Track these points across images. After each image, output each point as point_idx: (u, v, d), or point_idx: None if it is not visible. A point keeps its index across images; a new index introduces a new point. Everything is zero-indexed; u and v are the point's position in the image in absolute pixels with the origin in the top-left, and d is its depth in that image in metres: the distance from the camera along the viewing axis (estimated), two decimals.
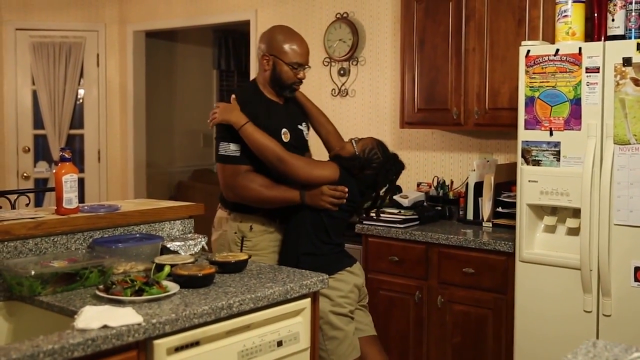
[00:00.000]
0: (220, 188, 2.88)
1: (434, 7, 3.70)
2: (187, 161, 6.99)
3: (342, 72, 4.55)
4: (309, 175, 2.74)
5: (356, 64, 4.49)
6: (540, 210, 3.05)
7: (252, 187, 2.73)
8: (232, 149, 2.75)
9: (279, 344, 2.19)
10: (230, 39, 7.26)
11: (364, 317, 2.90)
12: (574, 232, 2.94)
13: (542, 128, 2.96)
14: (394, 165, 2.88)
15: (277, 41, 2.83)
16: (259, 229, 2.83)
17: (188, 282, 2.15)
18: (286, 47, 2.81)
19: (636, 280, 2.75)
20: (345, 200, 2.75)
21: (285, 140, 2.81)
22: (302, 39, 2.90)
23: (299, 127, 2.95)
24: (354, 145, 2.83)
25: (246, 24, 5.15)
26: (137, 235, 2.58)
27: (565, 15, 2.95)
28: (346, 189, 2.74)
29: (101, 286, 2.05)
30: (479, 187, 3.65)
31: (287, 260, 2.77)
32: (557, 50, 2.92)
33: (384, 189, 2.92)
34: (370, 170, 2.80)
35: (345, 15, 4.50)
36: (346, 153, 2.83)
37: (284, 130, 2.83)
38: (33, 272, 2.05)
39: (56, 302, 2.00)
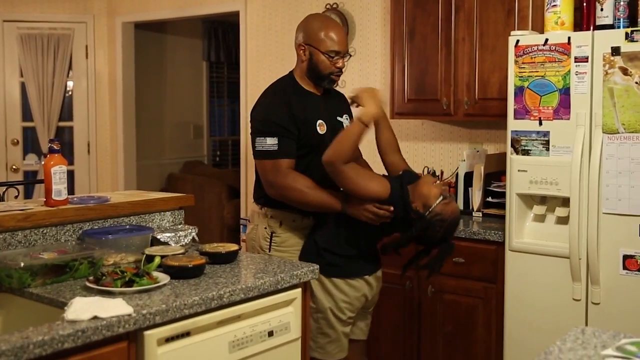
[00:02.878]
0: (258, 181, 2.80)
1: None
2: (178, 153, 6.98)
3: None
4: (360, 188, 2.53)
5: (349, 58, 4.47)
6: (529, 200, 3.07)
7: (296, 188, 2.62)
8: (269, 143, 2.64)
9: (270, 334, 2.19)
10: (220, 30, 7.24)
11: (361, 321, 2.87)
12: (563, 221, 2.96)
13: (532, 118, 2.97)
14: (442, 246, 2.61)
15: (313, 30, 2.74)
16: (289, 226, 2.77)
17: (178, 273, 2.15)
18: (322, 35, 2.71)
19: (624, 268, 2.77)
20: (388, 220, 2.56)
21: (320, 132, 2.72)
22: (339, 26, 2.84)
23: (338, 118, 2.83)
24: (438, 200, 2.50)
25: (235, 15, 5.13)
26: (127, 226, 2.58)
27: (554, 5, 2.96)
28: (392, 209, 2.53)
29: (91, 277, 2.05)
30: (469, 177, 3.66)
31: (308, 249, 2.72)
32: (546, 40, 2.92)
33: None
34: (421, 231, 2.54)
35: (335, 5, 4.49)
36: (427, 193, 2.52)
37: (319, 121, 2.73)
38: (22, 264, 2.05)
39: (46, 294, 1.99)
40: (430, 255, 2.65)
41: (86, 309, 1.76)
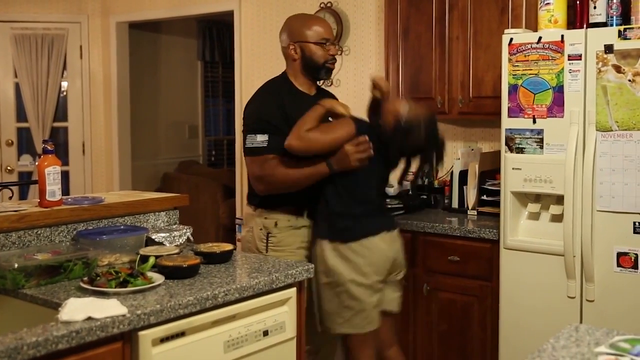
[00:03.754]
0: (250, 182, 2.82)
1: None
2: (173, 153, 6.97)
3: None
4: (330, 141, 2.60)
5: (341, 54, 4.48)
6: (524, 198, 3.08)
7: (279, 171, 2.66)
8: (259, 140, 2.67)
9: (265, 333, 2.19)
10: (215, 29, 7.23)
11: (390, 290, 2.81)
12: (557, 218, 2.97)
13: (526, 116, 2.97)
14: (434, 144, 2.76)
15: (297, 27, 2.80)
16: (284, 225, 2.78)
17: (173, 273, 2.15)
18: (307, 28, 2.77)
19: (618, 265, 2.78)
20: (372, 152, 2.62)
21: None
22: (320, 18, 2.92)
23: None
24: (405, 107, 2.66)
25: (230, 15, 5.12)
26: (122, 227, 2.57)
27: (548, 3, 2.96)
28: (366, 137, 2.61)
29: (85, 278, 2.05)
30: (463, 175, 3.67)
31: (322, 222, 2.72)
32: (540, 38, 2.93)
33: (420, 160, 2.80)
34: (406, 139, 2.66)
35: (329, 4, 4.49)
36: (394, 110, 2.66)
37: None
38: (16, 265, 2.04)
39: (40, 295, 1.99)
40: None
41: (80, 309, 1.76)
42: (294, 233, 2.79)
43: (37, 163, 2.43)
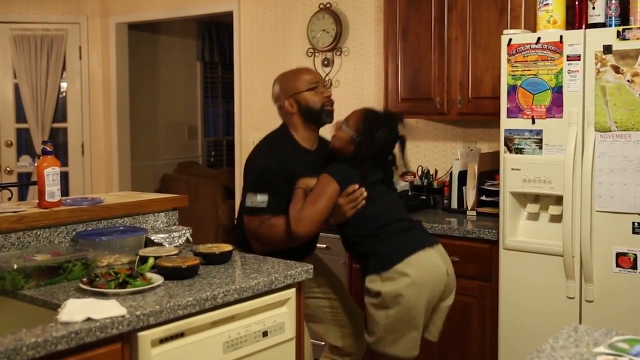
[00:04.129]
0: (248, 239, 2.77)
1: None
2: (172, 154, 6.97)
3: (325, 62, 4.54)
4: (322, 210, 2.59)
5: (340, 55, 4.49)
6: (523, 198, 3.08)
7: (277, 231, 2.63)
8: (258, 200, 2.65)
9: (265, 334, 2.19)
10: (214, 30, 7.23)
11: (437, 319, 2.75)
12: (556, 219, 2.97)
13: (524, 116, 2.98)
14: (393, 123, 2.76)
15: (287, 82, 2.81)
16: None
17: (172, 274, 2.15)
18: (296, 80, 2.79)
19: (617, 265, 2.78)
20: (365, 193, 2.62)
21: None
22: (305, 67, 2.94)
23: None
24: (345, 129, 2.71)
25: (229, 15, 5.13)
26: (121, 227, 2.57)
27: (547, 4, 2.97)
28: (356, 186, 2.61)
29: (85, 279, 2.05)
30: (463, 176, 3.67)
31: (362, 263, 2.71)
32: (539, 38, 2.93)
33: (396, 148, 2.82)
34: (375, 142, 2.68)
35: (328, 5, 4.49)
36: (343, 143, 2.71)
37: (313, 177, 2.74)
38: (16, 266, 2.04)
39: (39, 296, 1.99)
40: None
41: (80, 310, 1.76)
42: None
43: (36, 164, 2.43)
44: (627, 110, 2.72)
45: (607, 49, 2.75)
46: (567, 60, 2.85)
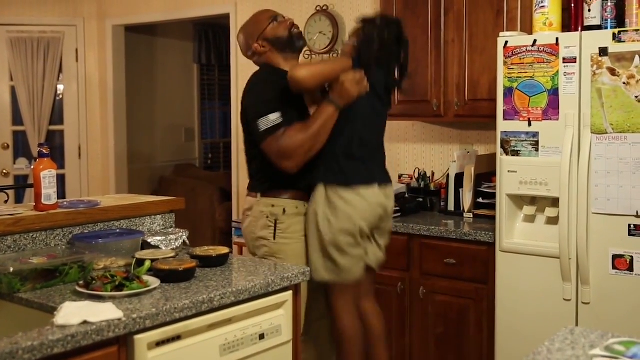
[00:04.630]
0: (252, 172, 2.84)
1: None
2: (169, 156, 6.97)
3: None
4: (330, 71, 2.68)
5: (337, 56, 4.49)
6: (519, 200, 3.08)
7: (296, 138, 2.61)
8: (272, 119, 2.63)
9: (261, 337, 2.19)
10: (211, 32, 7.23)
11: (374, 249, 2.86)
12: (553, 221, 2.97)
13: (521, 118, 2.98)
14: (394, 27, 2.84)
15: (250, 27, 2.90)
16: (292, 212, 2.76)
17: (169, 277, 2.15)
18: (255, 23, 2.88)
19: (614, 268, 2.78)
20: (367, 82, 2.69)
21: (311, 111, 2.79)
22: (260, 10, 3.01)
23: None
24: (349, 41, 2.83)
25: (226, 18, 5.13)
26: (118, 230, 2.57)
27: (543, 6, 2.98)
28: (361, 71, 2.68)
29: (81, 282, 2.04)
30: (459, 178, 3.67)
31: (320, 166, 2.73)
32: (535, 40, 2.94)
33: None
34: (372, 44, 2.75)
35: (325, 7, 4.50)
36: (349, 50, 2.78)
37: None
38: (12, 269, 2.04)
39: (36, 299, 1.99)
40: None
41: (76, 313, 1.76)
42: (301, 220, 2.78)
43: (32, 166, 2.43)
44: (623, 113, 2.72)
45: (603, 51, 2.76)
46: (563, 62, 2.86)
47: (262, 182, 2.80)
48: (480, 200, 3.56)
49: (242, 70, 5.02)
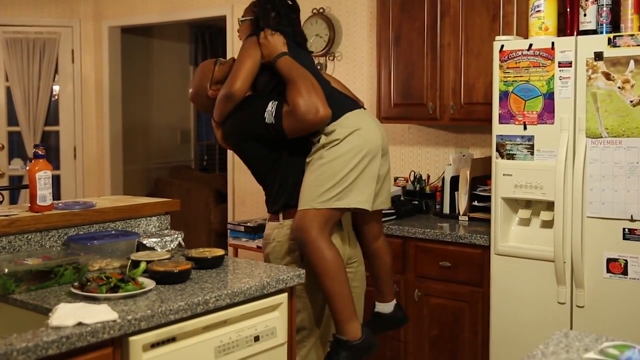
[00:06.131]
0: (269, 191, 2.77)
1: (409, 2, 3.72)
2: (165, 157, 6.96)
3: (318, 67, 4.54)
4: (246, 57, 2.70)
5: (333, 59, 4.50)
6: (514, 204, 3.09)
7: (301, 92, 2.55)
8: (270, 108, 2.62)
9: (256, 339, 2.19)
10: (207, 34, 7.24)
11: (384, 192, 2.78)
12: (547, 224, 2.98)
13: (516, 122, 2.99)
14: None
15: (198, 81, 2.90)
16: None
17: (164, 278, 2.15)
18: (202, 73, 2.89)
19: (608, 271, 2.79)
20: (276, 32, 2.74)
21: None
22: (199, 66, 3.02)
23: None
24: (241, 19, 2.89)
25: (222, 20, 5.13)
26: (113, 231, 2.57)
27: (539, 11, 2.99)
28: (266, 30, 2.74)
29: (76, 283, 2.04)
30: (455, 181, 3.68)
31: None
32: (531, 45, 2.95)
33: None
34: (268, 7, 2.82)
35: (321, 10, 4.50)
36: (246, 29, 2.85)
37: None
38: (6, 270, 2.03)
39: (30, 300, 1.98)
40: None
41: (71, 315, 1.76)
42: None
43: (27, 167, 2.42)
44: (618, 117, 2.73)
45: (598, 56, 2.77)
46: (559, 66, 2.87)
47: (280, 201, 2.72)
48: (476, 203, 3.56)
49: None
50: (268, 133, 2.63)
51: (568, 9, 3.05)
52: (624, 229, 2.75)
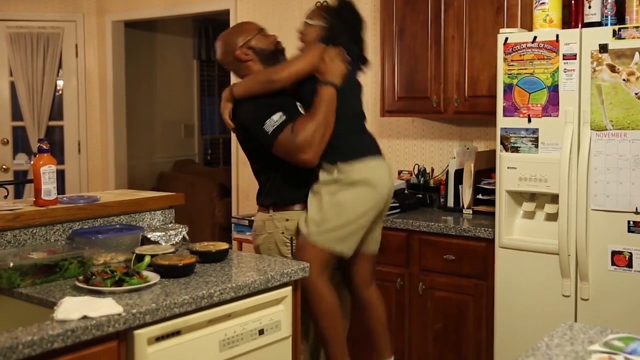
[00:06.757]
0: (262, 183, 2.79)
1: None
2: (169, 152, 6.97)
3: None
4: (306, 62, 2.67)
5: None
6: (519, 197, 3.08)
7: (307, 129, 2.56)
8: (276, 120, 2.60)
9: (261, 332, 2.19)
10: (211, 28, 7.22)
11: (376, 231, 2.84)
12: (552, 217, 2.98)
13: (521, 115, 2.98)
14: (346, 4, 2.89)
15: (234, 35, 2.84)
16: None
17: (168, 272, 2.15)
18: (243, 31, 2.84)
19: (613, 264, 2.79)
20: (346, 54, 2.71)
21: (302, 111, 2.74)
22: (241, 22, 2.99)
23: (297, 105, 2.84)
24: (312, 22, 2.83)
25: (226, 14, 5.12)
26: (117, 225, 2.57)
27: (543, 3, 2.97)
28: (335, 47, 2.68)
29: (81, 277, 2.04)
30: (459, 174, 3.67)
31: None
32: (535, 37, 2.93)
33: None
34: (341, 19, 2.81)
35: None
36: (313, 35, 2.80)
37: (298, 104, 2.78)
38: (12, 264, 2.04)
39: (35, 294, 1.99)
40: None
41: (76, 308, 1.76)
42: None
43: (32, 162, 2.43)
44: (623, 109, 2.72)
45: (603, 48, 2.76)
46: (563, 59, 2.86)
47: (272, 196, 2.76)
48: (480, 196, 3.56)
49: None
50: (260, 137, 2.64)
51: (572, 1, 3.04)
52: (628, 222, 2.75)
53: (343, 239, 2.66)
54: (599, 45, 2.77)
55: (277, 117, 2.60)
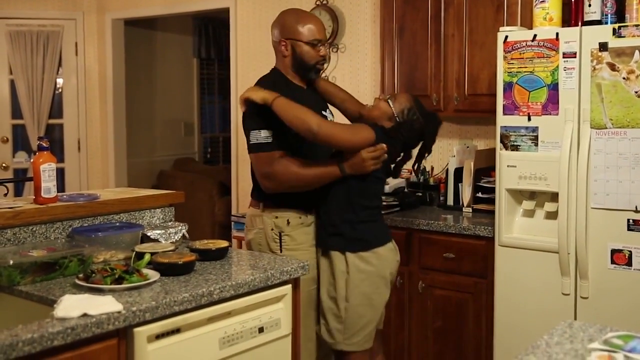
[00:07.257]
0: (256, 180, 2.76)
1: None
2: (169, 150, 6.96)
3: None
4: (350, 142, 2.56)
5: (336, 51, 4.49)
6: (519, 195, 3.08)
7: (290, 170, 2.58)
8: (263, 135, 2.59)
9: (260, 330, 2.19)
10: (210, 26, 7.22)
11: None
12: (552, 216, 2.98)
13: (521, 113, 2.98)
14: (433, 125, 2.76)
15: (290, 23, 2.73)
16: (296, 223, 2.70)
17: (168, 270, 2.15)
18: (300, 26, 2.70)
19: (612, 262, 2.79)
20: (386, 156, 2.60)
21: None
22: (315, 16, 2.87)
23: (323, 112, 2.79)
24: (391, 105, 2.66)
25: (226, 12, 5.12)
26: (117, 223, 2.57)
27: (543, 1, 2.97)
28: (385, 146, 2.57)
29: (81, 275, 2.05)
30: (459, 172, 3.68)
31: (324, 231, 2.69)
32: (535, 35, 2.93)
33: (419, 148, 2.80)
34: (411, 132, 2.67)
35: (325, 2, 4.49)
36: (382, 114, 2.66)
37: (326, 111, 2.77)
38: (12, 262, 2.04)
39: (35, 292, 1.99)
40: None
41: (76, 306, 1.77)
42: (305, 230, 2.73)
43: (32, 160, 2.43)
44: (623, 108, 2.72)
45: (603, 47, 2.76)
46: (563, 57, 2.86)
47: (263, 195, 2.74)
48: (480, 194, 3.56)
49: (241, 64, 5.02)
50: (246, 137, 2.66)
51: (573, 0, 3.04)
52: (628, 220, 2.75)
53: (368, 335, 2.71)
54: (599, 43, 2.77)
55: (264, 135, 2.59)
